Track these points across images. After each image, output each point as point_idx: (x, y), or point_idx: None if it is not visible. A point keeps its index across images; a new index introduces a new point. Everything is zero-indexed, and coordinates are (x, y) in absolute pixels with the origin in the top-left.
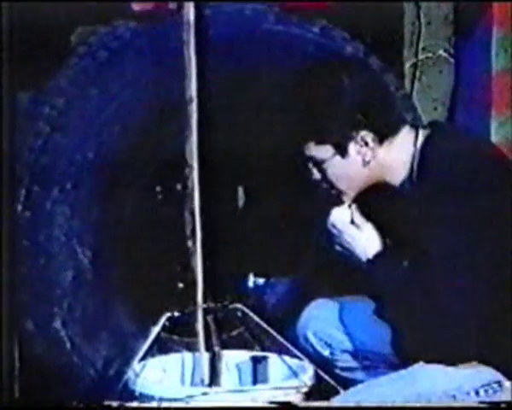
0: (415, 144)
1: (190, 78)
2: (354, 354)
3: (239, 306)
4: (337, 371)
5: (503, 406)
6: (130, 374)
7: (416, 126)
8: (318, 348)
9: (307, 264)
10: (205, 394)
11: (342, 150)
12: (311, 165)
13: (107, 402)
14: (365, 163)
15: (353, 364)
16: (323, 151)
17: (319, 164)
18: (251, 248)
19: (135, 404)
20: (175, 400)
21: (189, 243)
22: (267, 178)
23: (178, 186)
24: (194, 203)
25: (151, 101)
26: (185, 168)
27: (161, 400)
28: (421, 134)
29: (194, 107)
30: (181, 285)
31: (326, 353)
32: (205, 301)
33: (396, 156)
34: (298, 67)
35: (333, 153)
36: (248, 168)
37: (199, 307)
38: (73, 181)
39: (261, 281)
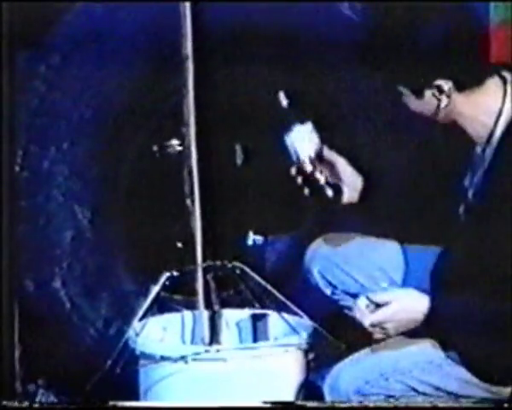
0: (503, 102)
1: (186, 36)
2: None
3: (238, 264)
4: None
5: (505, 406)
6: (130, 333)
7: (504, 80)
8: (321, 286)
9: (306, 221)
10: (205, 352)
11: (418, 92)
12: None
13: (107, 403)
14: (440, 109)
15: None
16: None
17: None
18: (250, 207)
19: (135, 404)
20: (175, 358)
21: (188, 202)
22: (265, 135)
23: (176, 144)
24: (191, 162)
25: (148, 58)
26: (182, 126)
27: (162, 358)
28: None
29: (190, 64)
30: (180, 244)
31: (328, 291)
32: (204, 259)
33: (479, 110)
34: None
35: (408, 91)
36: (246, 125)
37: (198, 265)
38: (70, 140)
39: (260, 239)
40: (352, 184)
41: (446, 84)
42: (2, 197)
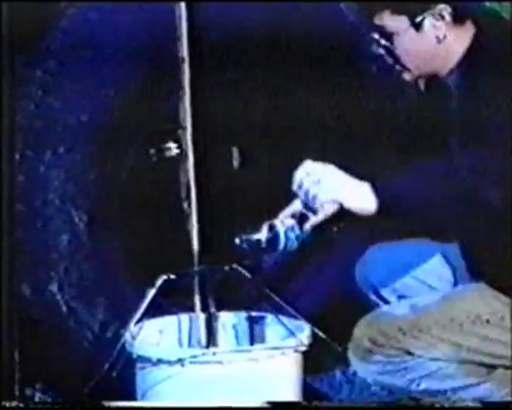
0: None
1: (182, 38)
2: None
3: (235, 267)
4: None
5: (502, 406)
6: (127, 336)
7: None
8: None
9: None
10: (202, 354)
11: (418, 24)
12: (377, 36)
13: (106, 403)
14: (438, 40)
15: None
16: (398, 21)
17: (390, 35)
18: (247, 209)
19: (135, 404)
20: (172, 361)
21: (185, 205)
22: (262, 138)
23: (173, 148)
24: (188, 165)
25: (144, 62)
26: (179, 129)
27: (159, 361)
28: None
29: (186, 67)
30: (177, 247)
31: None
32: (201, 262)
33: (456, 44)
34: None
35: (408, 25)
36: (243, 128)
37: (195, 268)
38: (67, 145)
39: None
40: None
41: (446, 10)
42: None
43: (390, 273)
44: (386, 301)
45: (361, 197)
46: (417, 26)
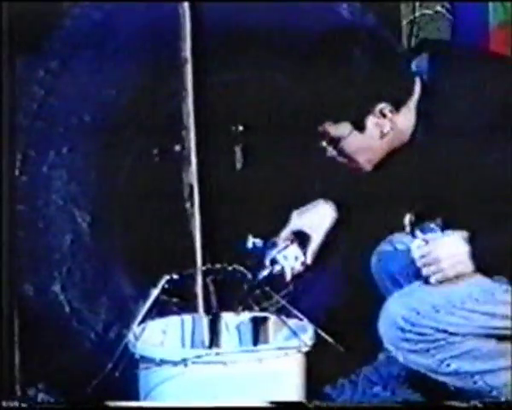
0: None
1: (185, 38)
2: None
3: (238, 267)
4: None
5: (504, 406)
6: (130, 337)
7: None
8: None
9: None
10: (206, 355)
11: (360, 125)
12: (325, 143)
13: (107, 403)
14: (383, 135)
15: None
16: (341, 129)
17: (336, 141)
18: (250, 209)
19: (136, 404)
20: (176, 361)
21: (187, 205)
22: (265, 138)
23: (176, 148)
24: (191, 165)
25: (147, 62)
26: (182, 130)
27: (162, 362)
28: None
29: (189, 67)
30: (180, 247)
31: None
32: (204, 263)
33: (410, 116)
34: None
35: (350, 129)
36: (246, 129)
37: (198, 269)
38: (70, 144)
39: (260, 242)
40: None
41: (387, 108)
42: (2, 202)
43: (407, 261)
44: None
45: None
46: (360, 128)
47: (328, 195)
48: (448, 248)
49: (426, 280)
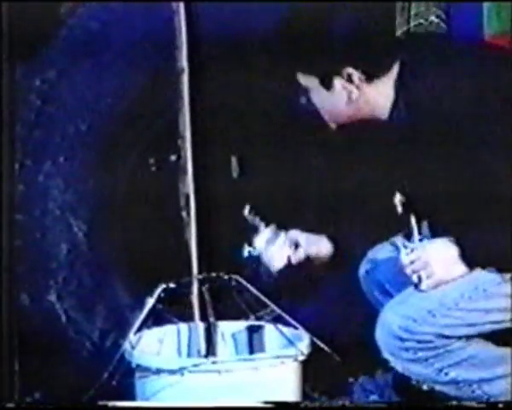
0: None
1: (181, 48)
2: None
3: (234, 276)
4: None
5: (500, 406)
6: (126, 346)
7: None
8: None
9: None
10: (202, 364)
11: (327, 83)
12: (299, 90)
13: (103, 403)
14: (351, 100)
15: None
16: (309, 81)
17: (305, 91)
18: (245, 218)
19: (135, 404)
20: (172, 370)
21: (183, 214)
22: (261, 148)
23: (172, 157)
24: (187, 174)
25: (143, 72)
26: (178, 139)
27: (158, 370)
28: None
29: (185, 78)
30: (176, 256)
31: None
32: (200, 271)
33: (385, 92)
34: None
35: (317, 83)
36: (242, 138)
37: (194, 277)
38: (66, 154)
39: (256, 251)
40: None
41: (356, 75)
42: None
43: (396, 270)
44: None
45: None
46: (327, 86)
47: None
48: (437, 252)
49: (416, 286)
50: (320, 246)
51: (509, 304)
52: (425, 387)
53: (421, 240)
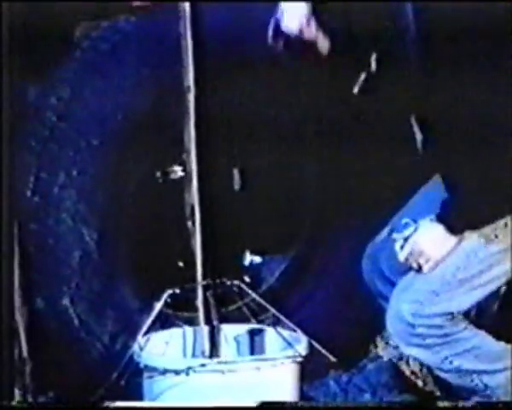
0: None
1: (188, 68)
2: None
3: (236, 282)
4: None
5: (500, 406)
6: (135, 347)
7: None
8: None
9: (301, 241)
10: (204, 365)
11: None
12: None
13: (106, 403)
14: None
15: None
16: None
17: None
18: (248, 227)
19: (137, 404)
20: (178, 370)
21: (189, 224)
22: (261, 161)
23: (178, 170)
24: (192, 186)
25: (151, 90)
26: (183, 153)
27: (165, 371)
28: None
29: (191, 96)
30: (181, 264)
31: None
32: (204, 278)
33: None
34: None
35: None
36: (244, 152)
37: (198, 283)
38: (79, 167)
39: (257, 259)
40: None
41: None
42: (15, 220)
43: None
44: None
45: None
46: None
47: None
48: (425, 236)
49: (418, 271)
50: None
51: (502, 258)
52: (419, 383)
53: (408, 226)
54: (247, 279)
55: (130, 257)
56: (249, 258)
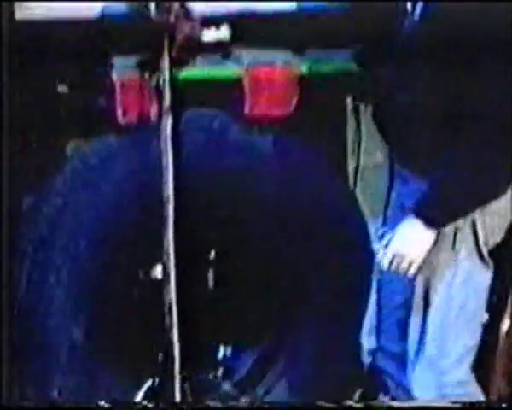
0: None
1: (167, 180)
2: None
3: (211, 375)
4: None
5: (504, 406)
6: None
7: None
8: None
9: (270, 332)
10: None
11: None
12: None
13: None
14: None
15: None
16: None
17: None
18: (221, 323)
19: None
20: None
21: (167, 319)
22: (234, 263)
23: (158, 271)
24: (170, 285)
25: (134, 199)
26: (164, 256)
27: None
28: None
29: (170, 207)
30: (161, 356)
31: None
32: (182, 370)
33: None
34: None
35: None
36: (220, 256)
37: (176, 375)
38: (68, 270)
39: (229, 352)
40: None
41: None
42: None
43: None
44: None
45: None
46: None
47: None
48: (406, 238)
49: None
50: None
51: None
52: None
53: (387, 234)
54: (220, 371)
55: (114, 350)
56: (222, 351)
